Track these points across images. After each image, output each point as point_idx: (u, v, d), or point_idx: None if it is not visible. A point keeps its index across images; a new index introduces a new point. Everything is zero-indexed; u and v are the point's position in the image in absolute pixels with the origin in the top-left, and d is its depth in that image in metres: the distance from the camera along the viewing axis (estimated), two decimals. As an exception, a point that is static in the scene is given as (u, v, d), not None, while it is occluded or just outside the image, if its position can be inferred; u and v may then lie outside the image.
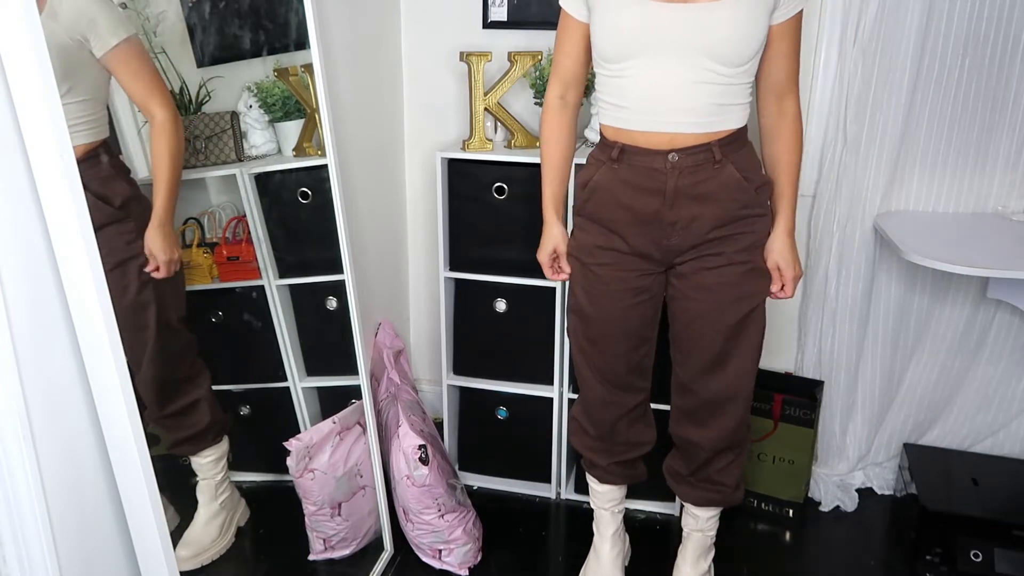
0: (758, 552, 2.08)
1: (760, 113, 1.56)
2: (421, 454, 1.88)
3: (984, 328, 2.13)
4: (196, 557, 1.61)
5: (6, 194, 1.03)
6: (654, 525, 2.17)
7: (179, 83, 1.56)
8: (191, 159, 1.60)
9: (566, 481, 2.29)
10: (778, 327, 2.29)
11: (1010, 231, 1.93)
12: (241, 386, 1.81)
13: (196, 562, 1.60)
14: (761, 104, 1.54)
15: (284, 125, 1.76)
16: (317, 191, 1.78)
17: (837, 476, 2.26)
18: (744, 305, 1.56)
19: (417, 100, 2.38)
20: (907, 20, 1.88)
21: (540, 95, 2.10)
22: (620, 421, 1.75)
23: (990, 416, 2.21)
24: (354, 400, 1.90)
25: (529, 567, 2.02)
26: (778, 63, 1.48)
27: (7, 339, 1.02)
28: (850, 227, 2.07)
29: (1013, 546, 1.88)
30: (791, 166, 1.55)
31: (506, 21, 2.23)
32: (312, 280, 1.84)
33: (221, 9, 1.62)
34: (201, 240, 1.66)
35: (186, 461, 1.63)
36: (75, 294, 1.10)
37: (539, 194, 1.69)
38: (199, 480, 1.64)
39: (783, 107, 1.52)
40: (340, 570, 1.92)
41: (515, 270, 2.12)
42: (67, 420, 1.15)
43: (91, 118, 1.32)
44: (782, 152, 1.55)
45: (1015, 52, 1.91)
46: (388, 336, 2.23)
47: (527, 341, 2.18)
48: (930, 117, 2.00)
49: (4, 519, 1.06)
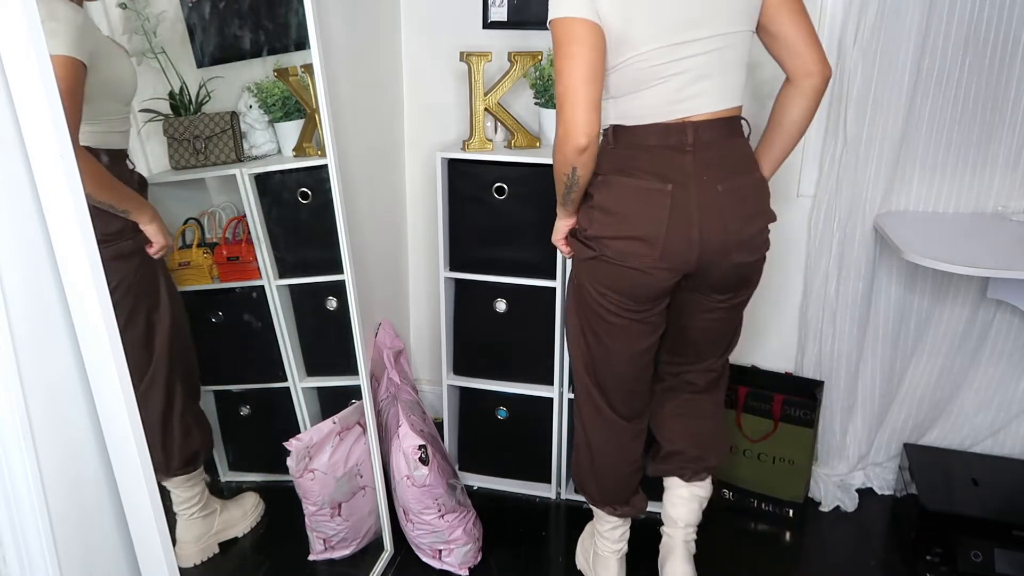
0: (758, 552, 2.08)
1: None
2: (421, 454, 1.88)
3: (984, 328, 2.13)
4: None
5: (6, 194, 1.03)
6: (654, 525, 2.17)
7: (179, 83, 1.56)
8: (191, 159, 1.60)
9: (566, 481, 2.29)
10: (778, 327, 2.29)
11: (1010, 231, 1.93)
12: (241, 386, 1.81)
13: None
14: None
15: (284, 125, 1.76)
16: (317, 191, 1.78)
17: (837, 476, 2.26)
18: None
19: (417, 100, 2.38)
20: (907, 20, 1.88)
21: (540, 95, 2.10)
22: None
23: (990, 416, 2.21)
24: (354, 400, 1.90)
25: (529, 567, 2.02)
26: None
27: (7, 339, 1.02)
28: (850, 227, 2.07)
29: (1013, 546, 1.88)
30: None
31: (506, 21, 2.23)
32: (312, 280, 1.84)
33: (221, 9, 1.62)
34: (201, 240, 1.66)
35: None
36: (75, 294, 1.10)
37: (540, 194, 1.68)
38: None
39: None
40: (340, 570, 1.92)
41: (515, 270, 2.12)
42: (67, 420, 1.15)
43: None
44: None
45: (1015, 52, 1.91)
46: (388, 336, 2.23)
47: (527, 341, 2.18)
48: (930, 117, 1.99)
49: (4, 519, 1.06)
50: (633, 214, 1.46)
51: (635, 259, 1.47)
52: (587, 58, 1.35)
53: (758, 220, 1.53)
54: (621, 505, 1.80)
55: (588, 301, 1.58)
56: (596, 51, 1.36)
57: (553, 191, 1.88)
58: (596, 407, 1.70)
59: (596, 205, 1.50)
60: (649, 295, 1.52)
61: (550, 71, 2.05)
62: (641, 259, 1.47)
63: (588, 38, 1.35)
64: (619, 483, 1.78)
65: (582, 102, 1.35)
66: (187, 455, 1.57)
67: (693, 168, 1.43)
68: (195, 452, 1.59)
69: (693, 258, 1.46)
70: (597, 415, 1.71)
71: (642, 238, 1.45)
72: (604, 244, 1.49)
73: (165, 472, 1.54)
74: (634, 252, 1.47)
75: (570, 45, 1.35)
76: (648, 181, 1.44)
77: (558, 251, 2.03)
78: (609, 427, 1.71)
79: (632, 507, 1.81)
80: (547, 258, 2.08)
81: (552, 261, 2.07)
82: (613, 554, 1.85)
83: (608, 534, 1.84)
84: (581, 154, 1.40)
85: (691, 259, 1.47)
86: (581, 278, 1.58)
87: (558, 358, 2.15)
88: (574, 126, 1.37)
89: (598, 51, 1.36)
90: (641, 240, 1.46)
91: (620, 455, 1.75)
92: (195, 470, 1.60)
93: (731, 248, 1.48)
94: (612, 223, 1.48)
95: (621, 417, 1.70)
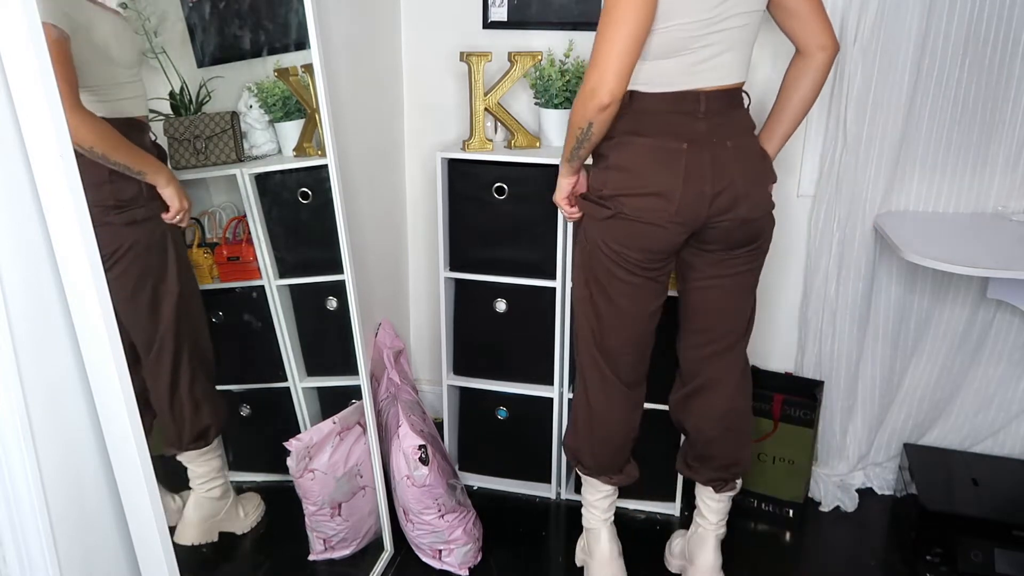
0: (758, 552, 2.08)
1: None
2: (421, 454, 1.88)
3: (984, 328, 2.13)
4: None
5: (6, 194, 1.03)
6: (654, 525, 2.17)
7: (179, 83, 1.56)
8: (191, 159, 1.60)
9: (566, 481, 2.29)
10: (778, 327, 2.29)
11: (1010, 231, 1.93)
12: (241, 386, 1.81)
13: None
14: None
15: (284, 125, 1.76)
16: (317, 191, 1.78)
17: (837, 476, 2.26)
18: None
19: (417, 100, 2.38)
20: (907, 20, 1.88)
21: (540, 95, 2.10)
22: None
23: (990, 416, 2.21)
24: (354, 400, 1.90)
25: (529, 567, 2.02)
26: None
27: (7, 339, 1.02)
28: (850, 227, 2.07)
29: (1013, 546, 1.88)
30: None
31: (506, 21, 2.23)
32: (312, 280, 1.84)
33: (221, 9, 1.62)
34: (201, 240, 1.67)
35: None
36: (75, 294, 1.10)
37: (540, 194, 1.69)
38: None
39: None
40: (340, 570, 1.92)
41: (515, 270, 2.12)
42: (67, 420, 1.15)
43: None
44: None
45: (1015, 52, 1.91)
46: (388, 336, 2.23)
47: (527, 341, 2.18)
48: (930, 117, 1.99)
49: (4, 519, 1.06)
50: (650, 171, 1.51)
51: (652, 214, 1.52)
52: (635, 26, 1.37)
53: (764, 177, 1.61)
54: (615, 474, 1.83)
55: (601, 261, 1.61)
56: (646, 21, 1.39)
57: (551, 191, 1.88)
58: (602, 374, 1.73)
59: (612, 165, 1.55)
60: (663, 249, 1.57)
61: (550, 71, 2.05)
62: (658, 214, 1.52)
63: (643, 6, 1.37)
64: (616, 451, 1.81)
65: (616, 65, 1.39)
66: (198, 430, 1.58)
67: (705, 130, 1.50)
68: (206, 427, 1.60)
69: (704, 212, 1.52)
70: (602, 382, 1.74)
71: (659, 193, 1.50)
72: (620, 202, 1.54)
73: (178, 445, 1.57)
74: (651, 207, 1.52)
75: (624, 9, 1.37)
76: (663, 140, 1.50)
77: (558, 248, 2.04)
78: (613, 394, 1.75)
79: (625, 475, 1.85)
80: (547, 258, 2.08)
81: (552, 261, 2.07)
82: (603, 523, 1.88)
83: (598, 503, 1.87)
84: (601, 112, 1.43)
85: (703, 213, 1.52)
86: (595, 239, 1.61)
87: (558, 358, 2.15)
88: (603, 84, 1.40)
89: (647, 21, 1.39)
90: (658, 195, 1.51)
91: (621, 422, 1.79)
92: (206, 445, 1.61)
93: (740, 201, 1.54)
94: (629, 180, 1.53)
95: (624, 383, 1.74)
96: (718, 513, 1.84)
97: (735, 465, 1.80)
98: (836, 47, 1.57)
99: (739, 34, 1.48)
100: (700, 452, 1.81)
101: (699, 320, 1.73)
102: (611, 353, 1.71)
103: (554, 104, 2.08)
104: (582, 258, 1.67)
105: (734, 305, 1.71)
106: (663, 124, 1.50)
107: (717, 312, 1.71)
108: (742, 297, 1.71)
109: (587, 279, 1.67)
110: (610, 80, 1.39)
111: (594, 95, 1.41)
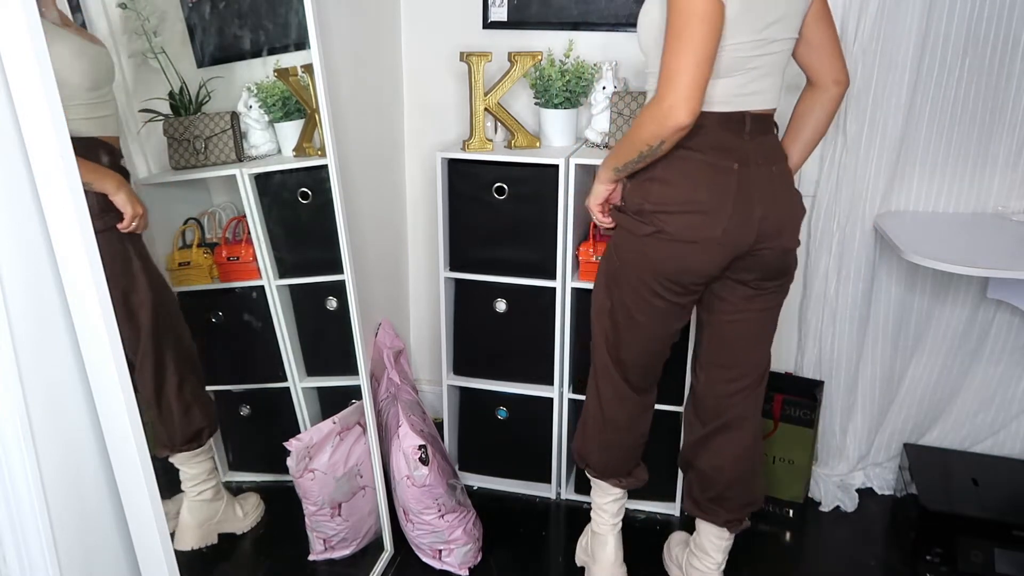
0: (758, 552, 2.08)
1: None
2: (421, 454, 1.88)
3: (984, 328, 2.13)
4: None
5: (6, 194, 1.03)
6: (654, 525, 2.17)
7: (179, 83, 1.56)
8: (191, 159, 1.60)
9: (566, 481, 2.29)
10: (778, 327, 2.28)
11: (1010, 231, 1.93)
12: (241, 386, 1.81)
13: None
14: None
15: (284, 125, 1.76)
16: (317, 191, 1.78)
17: (837, 476, 2.26)
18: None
19: (417, 100, 2.38)
20: (907, 20, 1.88)
21: (540, 95, 2.10)
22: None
23: (990, 416, 2.21)
24: (354, 400, 1.90)
25: (529, 567, 2.02)
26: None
27: (7, 339, 1.02)
28: (850, 227, 2.07)
29: (1013, 546, 1.88)
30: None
31: (506, 21, 2.23)
32: (312, 280, 1.84)
33: (221, 9, 1.62)
34: (201, 240, 1.67)
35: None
36: (75, 294, 1.10)
37: (540, 194, 1.67)
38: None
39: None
40: (340, 570, 1.92)
41: (515, 270, 2.12)
42: (67, 420, 1.15)
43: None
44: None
45: (1015, 52, 1.91)
46: (388, 336, 2.23)
47: (527, 341, 2.18)
48: (930, 117, 1.99)
49: (4, 519, 1.06)
50: (697, 188, 1.46)
51: (695, 232, 1.47)
52: (708, 39, 1.34)
53: (800, 208, 1.58)
54: (625, 477, 1.82)
55: (630, 279, 1.57)
56: (716, 34, 1.35)
57: (552, 191, 1.88)
58: (614, 382, 1.72)
59: (655, 178, 1.49)
60: (703, 272, 1.53)
61: (550, 71, 2.05)
62: (702, 232, 1.47)
63: (715, 19, 1.34)
64: (626, 454, 1.80)
65: (694, 82, 1.34)
66: (189, 432, 1.58)
67: (752, 152, 1.48)
68: (199, 429, 1.59)
69: (751, 238, 1.49)
70: (614, 390, 1.73)
71: (707, 212, 1.46)
72: (662, 219, 1.48)
73: (170, 448, 1.56)
74: (696, 226, 1.47)
75: (698, 23, 1.33)
76: (715, 158, 1.46)
77: (558, 248, 2.04)
78: (624, 400, 1.74)
79: (635, 478, 1.83)
80: (547, 258, 2.08)
81: (552, 261, 2.07)
82: (611, 529, 1.87)
83: (607, 507, 1.85)
84: (678, 132, 1.38)
85: (749, 239, 1.49)
86: (627, 256, 1.57)
87: (558, 358, 2.15)
88: (682, 103, 1.34)
89: (718, 35, 1.36)
90: (704, 214, 1.46)
91: (632, 427, 1.77)
92: (200, 447, 1.60)
93: (784, 228, 1.52)
94: (673, 195, 1.47)
95: (634, 390, 1.73)
96: (725, 552, 1.80)
97: (752, 504, 1.76)
98: (848, 82, 1.58)
99: (779, 59, 1.48)
100: (718, 494, 1.73)
101: (727, 355, 1.68)
102: (624, 363, 1.69)
103: (554, 104, 2.08)
104: (609, 268, 1.63)
105: (762, 339, 1.69)
106: (713, 141, 1.45)
107: (746, 347, 1.67)
108: (770, 331, 1.69)
109: (610, 289, 1.63)
110: (691, 99, 1.34)
111: (672, 115, 1.36)
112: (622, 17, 2.14)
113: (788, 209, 1.54)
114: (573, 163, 1.98)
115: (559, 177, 1.97)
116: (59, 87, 1.27)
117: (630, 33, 2.14)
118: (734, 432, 1.70)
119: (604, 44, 2.16)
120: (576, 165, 1.99)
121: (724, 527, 1.76)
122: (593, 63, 2.09)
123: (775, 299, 1.64)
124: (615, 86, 2.05)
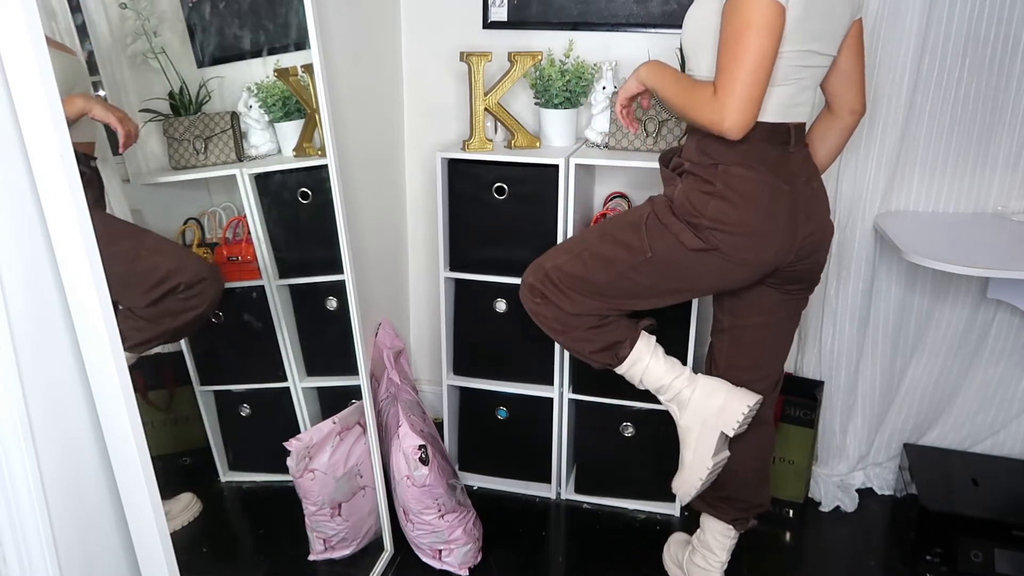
0: (758, 552, 2.08)
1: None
2: (421, 454, 1.88)
3: (984, 328, 2.13)
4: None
5: (6, 194, 1.03)
6: (654, 525, 2.17)
7: (179, 83, 1.56)
8: (191, 159, 1.60)
9: (566, 481, 2.29)
10: (778, 327, 2.29)
11: (1010, 231, 1.93)
12: (241, 386, 1.81)
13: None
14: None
15: (284, 125, 1.76)
16: (317, 191, 1.78)
17: (837, 476, 2.26)
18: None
19: (417, 100, 2.38)
20: (907, 20, 1.88)
21: (540, 95, 2.10)
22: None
23: (990, 416, 2.21)
24: (354, 400, 1.90)
25: (529, 567, 2.02)
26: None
27: (7, 339, 1.02)
28: (850, 227, 2.07)
29: (1013, 546, 1.88)
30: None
31: (506, 21, 2.23)
32: (312, 280, 1.84)
33: (221, 9, 1.62)
34: (201, 240, 1.67)
35: (186, 461, 1.62)
36: (75, 294, 1.10)
37: (540, 194, 1.65)
38: None
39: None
40: (340, 570, 1.92)
41: (515, 270, 2.11)
42: (67, 420, 1.15)
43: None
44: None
45: (1015, 52, 1.91)
46: (388, 336, 2.23)
47: (527, 341, 2.18)
48: (930, 117, 2.00)
49: (4, 519, 1.06)
50: (758, 210, 1.45)
51: (746, 253, 1.47)
52: (770, 50, 1.31)
53: (831, 223, 1.62)
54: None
55: (653, 273, 1.53)
56: (777, 44, 1.32)
57: (552, 191, 1.87)
58: (584, 304, 1.62)
59: (718, 193, 1.45)
60: (738, 286, 1.57)
61: (550, 71, 2.05)
62: (753, 254, 1.48)
63: (777, 27, 1.30)
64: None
65: (750, 97, 1.32)
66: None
67: (797, 168, 1.49)
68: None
69: (792, 256, 1.51)
70: (581, 306, 1.63)
71: (762, 234, 1.47)
72: (717, 237, 1.46)
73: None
74: (749, 247, 1.47)
75: (762, 31, 1.29)
76: (769, 177, 1.45)
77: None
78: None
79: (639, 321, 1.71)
80: (547, 258, 2.07)
81: (552, 261, 2.07)
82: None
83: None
84: (724, 136, 1.37)
85: (791, 257, 1.51)
86: (663, 254, 1.52)
87: (558, 358, 2.15)
88: (736, 114, 1.33)
89: (778, 44, 1.33)
90: (760, 236, 1.47)
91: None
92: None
93: (820, 246, 1.56)
94: (733, 214, 1.45)
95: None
96: (729, 552, 1.81)
97: (760, 506, 1.78)
98: (864, 111, 1.59)
99: (818, 73, 1.49)
100: (729, 494, 1.74)
101: (751, 357, 1.69)
102: (607, 298, 1.61)
103: (554, 104, 2.08)
104: (630, 243, 1.54)
105: (785, 340, 1.71)
106: (764, 156, 1.45)
107: (771, 348, 1.70)
108: (792, 330, 1.71)
109: (624, 248, 1.55)
110: (747, 111, 1.33)
111: (721, 124, 1.35)
112: (622, 17, 2.14)
113: (827, 226, 1.58)
114: (573, 163, 1.98)
115: (559, 177, 1.97)
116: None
117: (630, 33, 2.15)
118: (752, 433, 1.70)
119: (604, 44, 2.16)
120: (576, 165, 1.99)
121: (731, 524, 1.76)
122: (593, 63, 2.09)
123: (801, 302, 1.67)
124: (615, 86, 2.05)
